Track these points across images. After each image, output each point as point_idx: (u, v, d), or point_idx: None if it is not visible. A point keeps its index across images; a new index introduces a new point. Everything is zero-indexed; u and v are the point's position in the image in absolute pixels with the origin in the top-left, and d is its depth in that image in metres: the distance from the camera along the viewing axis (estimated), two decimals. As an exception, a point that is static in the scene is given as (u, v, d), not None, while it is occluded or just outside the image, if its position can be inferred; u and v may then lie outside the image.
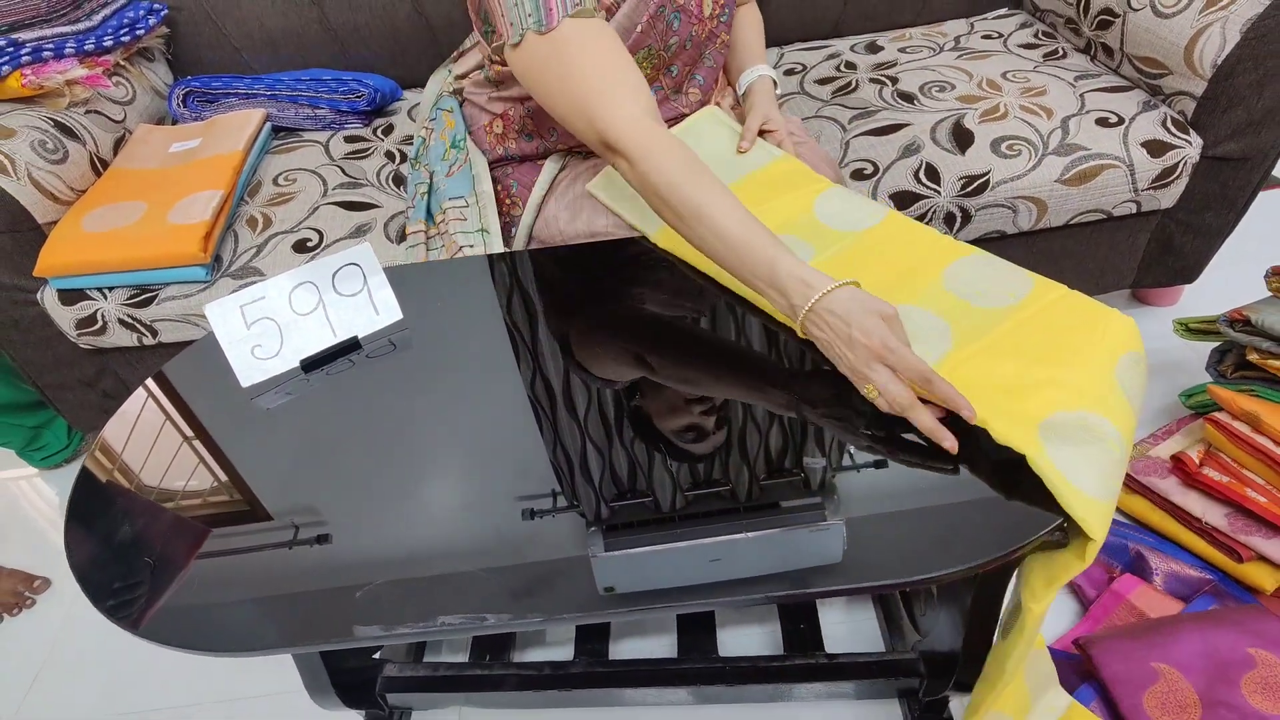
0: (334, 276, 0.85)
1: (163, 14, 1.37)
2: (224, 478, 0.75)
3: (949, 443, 0.62)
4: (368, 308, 0.85)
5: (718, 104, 1.07)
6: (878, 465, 0.66)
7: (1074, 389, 0.64)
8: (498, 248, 1.01)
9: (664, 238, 0.90)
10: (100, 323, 1.13)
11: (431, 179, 1.13)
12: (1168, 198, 1.18)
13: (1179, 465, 1.06)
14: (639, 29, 0.88)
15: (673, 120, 1.02)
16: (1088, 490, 0.59)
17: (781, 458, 0.68)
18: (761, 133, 1.01)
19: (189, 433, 0.81)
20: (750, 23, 1.12)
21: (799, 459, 0.68)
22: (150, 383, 0.85)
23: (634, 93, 0.76)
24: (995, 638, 0.77)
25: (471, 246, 1.01)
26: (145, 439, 0.80)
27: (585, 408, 0.76)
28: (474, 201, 1.04)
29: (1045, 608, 0.67)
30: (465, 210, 1.04)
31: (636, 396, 0.77)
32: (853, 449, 0.68)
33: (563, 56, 0.76)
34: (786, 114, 1.14)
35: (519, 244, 1.03)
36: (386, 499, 0.70)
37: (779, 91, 1.09)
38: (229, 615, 0.63)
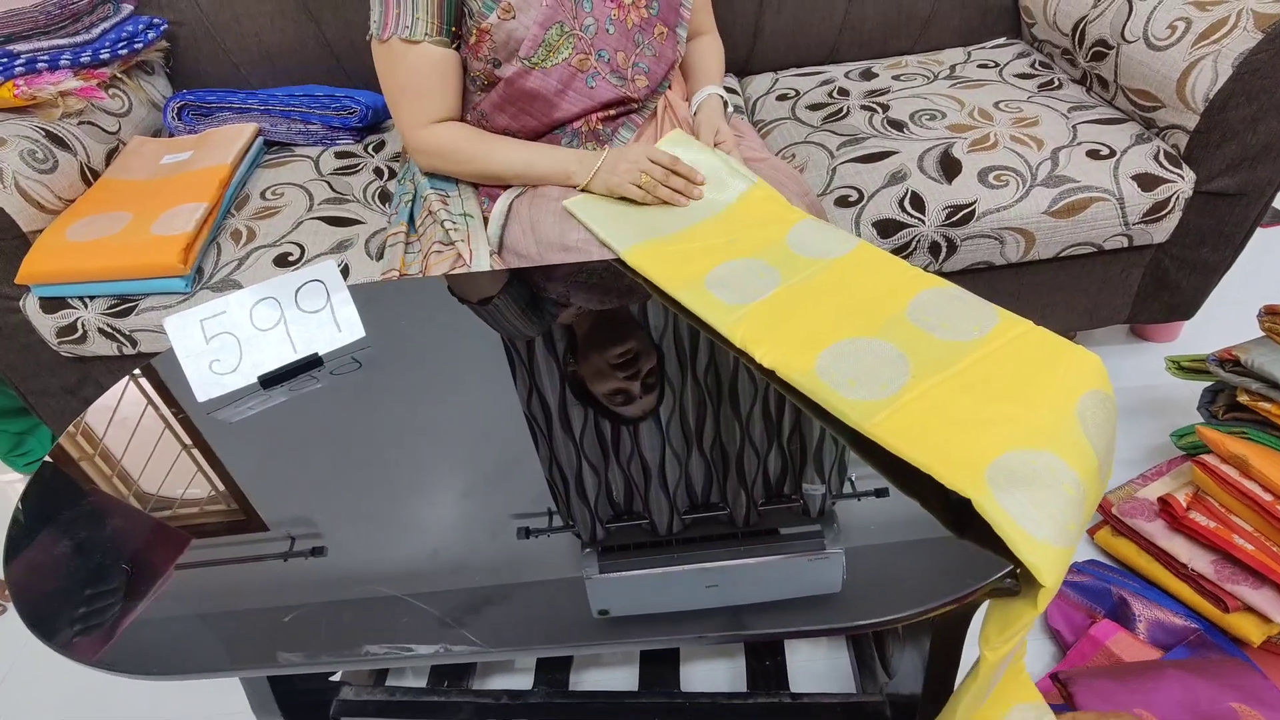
0: (297, 293, 0.84)
1: (162, 29, 1.39)
2: (181, 496, 0.74)
3: (699, 178, 0.96)
4: (330, 325, 0.85)
5: (675, 123, 1.09)
6: (878, 494, 0.65)
7: (1029, 427, 0.62)
8: (479, 233, 1.03)
9: (634, 256, 0.89)
10: (80, 331, 1.13)
11: (415, 188, 1.14)
12: (1160, 232, 1.15)
13: (1166, 508, 1.03)
14: (545, 4, 0.94)
15: (617, 101, 1.03)
16: (1038, 535, 0.56)
17: (780, 483, 0.67)
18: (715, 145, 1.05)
19: (146, 447, 0.80)
20: (707, 51, 1.16)
21: (798, 485, 0.66)
22: (108, 396, 0.85)
23: (433, 107, 1.00)
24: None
25: (455, 227, 1.03)
26: (106, 448, 0.80)
27: (577, 427, 0.74)
28: (456, 194, 1.08)
29: (1001, 656, 0.64)
30: (448, 196, 1.07)
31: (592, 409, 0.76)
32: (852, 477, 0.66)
33: (387, 64, 0.98)
34: (740, 120, 1.18)
35: (493, 244, 1.04)
36: (343, 515, 0.69)
37: (761, 112, 1.09)
38: (159, 637, 0.62)
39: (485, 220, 1.06)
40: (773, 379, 0.73)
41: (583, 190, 0.99)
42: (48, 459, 0.78)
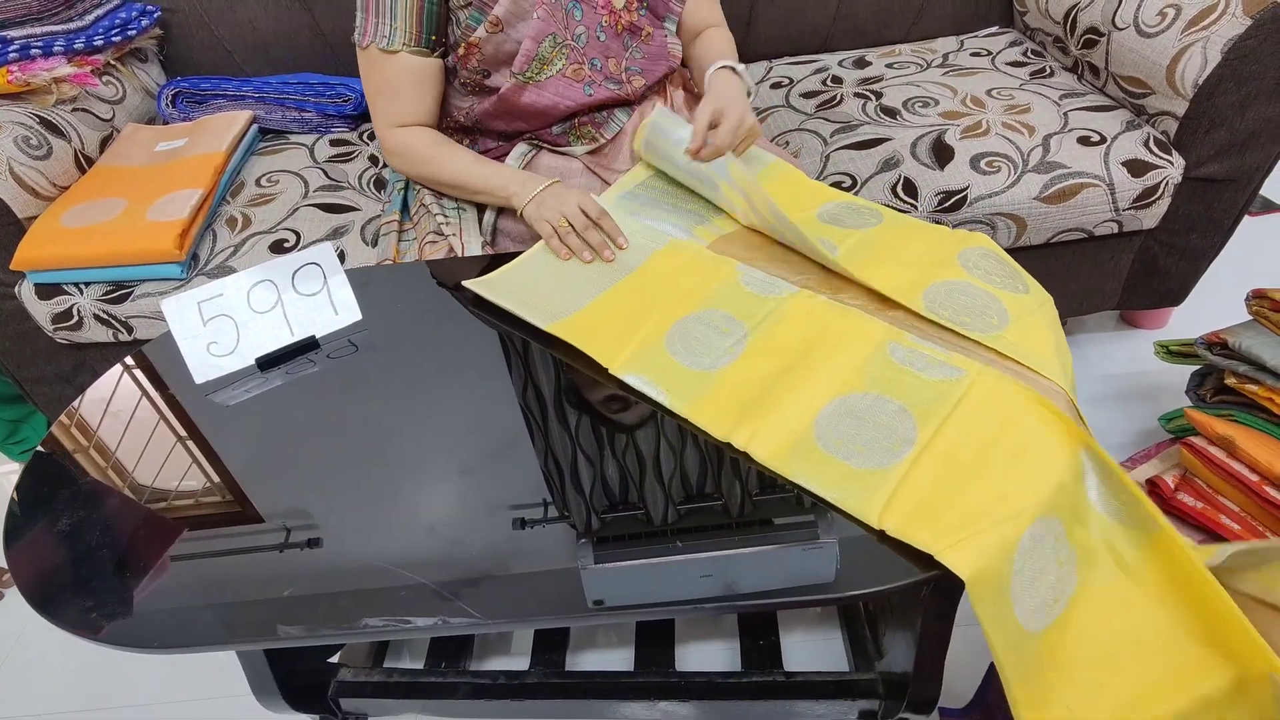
0: (294, 275, 0.85)
1: (155, 15, 1.39)
2: (180, 478, 0.75)
3: (621, 241, 0.90)
4: (326, 307, 0.85)
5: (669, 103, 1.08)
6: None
7: (1030, 490, 0.61)
8: (471, 226, 1.03)
9: (563, 329, 0.81)
10: (76, 318, 1.13)
11: (409, 179, 1.14)
12: (1150, 218, 1.16)
13: (1154, 489, 1.05)
14: (537, 17, 0.93)
15: (609, 100, 1.01)
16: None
17: (775, 473, 0.66)
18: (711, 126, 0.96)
19: (142, 430, 0.80)
20: (716, 38, 1.11)
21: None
22: (102, 381, 0.85)
23: (405, 112, 1.00)
24: None
25: (446, 220, 1.03)
26: (101, 432, 0.80)
27: (573, 416, 0.75)
28: None
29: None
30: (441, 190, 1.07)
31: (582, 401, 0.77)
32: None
33: (366, 68, 0.99)
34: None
35: (485, 235, 1.04)
36: (338, 500, 0.69)
37: (755, 100, 1.09)
38: (159, 613, 0.62)
39: (480, 209, 1.06)
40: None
41: (521, 212, 0.94)
42: (40, 448, 0.78)
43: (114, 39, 1.30)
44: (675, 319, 0.79)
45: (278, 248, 1.14)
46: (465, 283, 0.88)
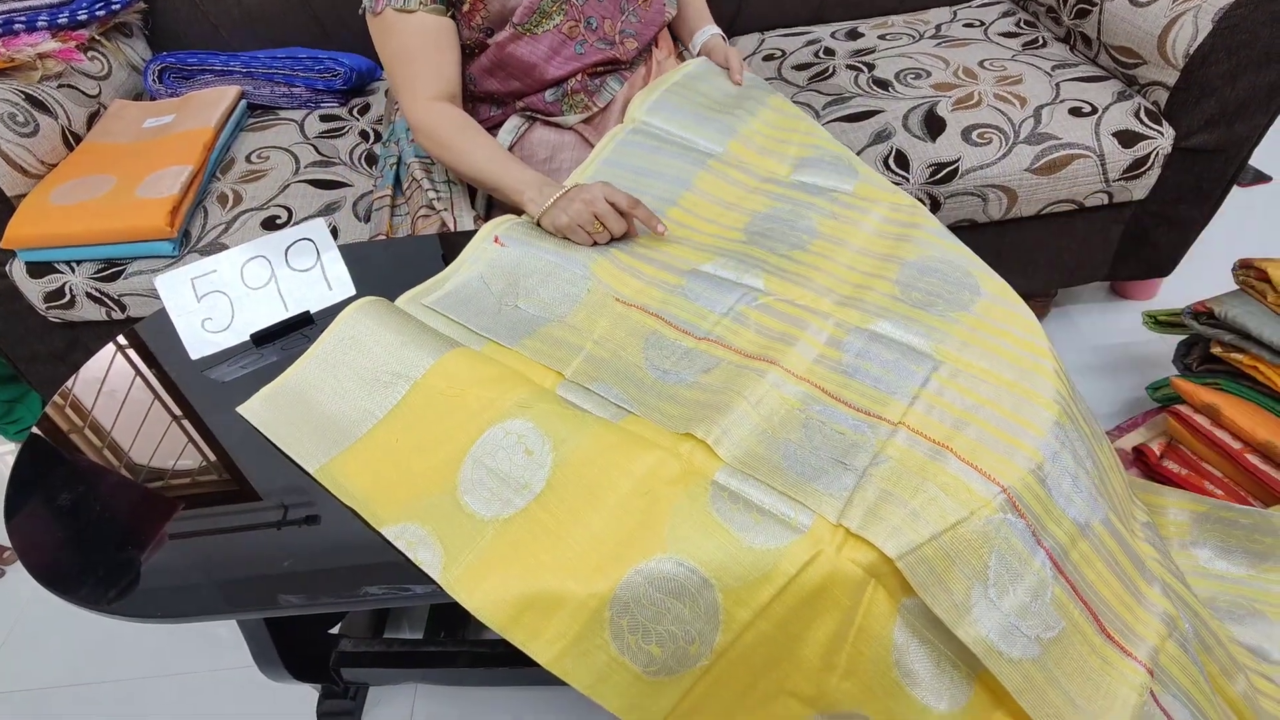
0: (287, 251, 0.85)
1: (140, -11, 1.37)
2: (177, 454, 0.75)
3: (660, 228, 0.83)
4: (320, 283, 0.86)
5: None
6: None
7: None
8: (462, 200, 1.03)
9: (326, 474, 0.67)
10: (68, 296, 1.13)
11: (400, 153, 1.14)
12: (1140, 189, 1.17)
13: (1140, 457, 1.06)
14: None
15: (605, 61, 1.03)
16: None
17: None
18: None
19: (137, 408, 0.81)
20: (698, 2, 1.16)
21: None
22: (95, 359, 0.85)
23: (429, 79, 0.95)
24: None
25: (438, 196, 1.03)
26: (97, 411, 0.81)
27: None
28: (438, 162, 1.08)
29: None
30: (431, 165, 1.07)
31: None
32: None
33: (383, 36, 0.94)
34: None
35: (479, 209, 1.04)
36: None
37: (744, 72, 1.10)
38: (162, 584, 0.63)
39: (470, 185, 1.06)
40: None
41: (539, 221, 0.87)
42: (35, 430, 0.78)
43: (98, 13, 1.29)
44: (473, 440, 0.64)
45: (270, 224, 1.14)
46: (239, 409, 0.74)
